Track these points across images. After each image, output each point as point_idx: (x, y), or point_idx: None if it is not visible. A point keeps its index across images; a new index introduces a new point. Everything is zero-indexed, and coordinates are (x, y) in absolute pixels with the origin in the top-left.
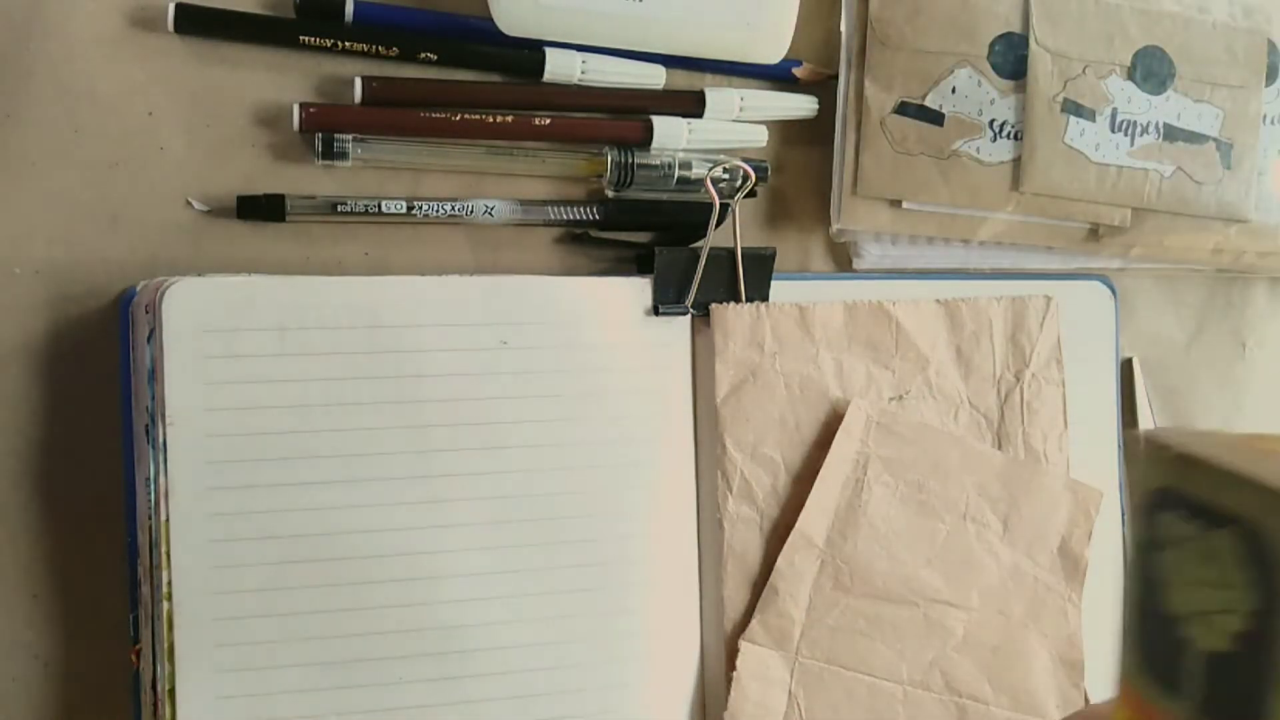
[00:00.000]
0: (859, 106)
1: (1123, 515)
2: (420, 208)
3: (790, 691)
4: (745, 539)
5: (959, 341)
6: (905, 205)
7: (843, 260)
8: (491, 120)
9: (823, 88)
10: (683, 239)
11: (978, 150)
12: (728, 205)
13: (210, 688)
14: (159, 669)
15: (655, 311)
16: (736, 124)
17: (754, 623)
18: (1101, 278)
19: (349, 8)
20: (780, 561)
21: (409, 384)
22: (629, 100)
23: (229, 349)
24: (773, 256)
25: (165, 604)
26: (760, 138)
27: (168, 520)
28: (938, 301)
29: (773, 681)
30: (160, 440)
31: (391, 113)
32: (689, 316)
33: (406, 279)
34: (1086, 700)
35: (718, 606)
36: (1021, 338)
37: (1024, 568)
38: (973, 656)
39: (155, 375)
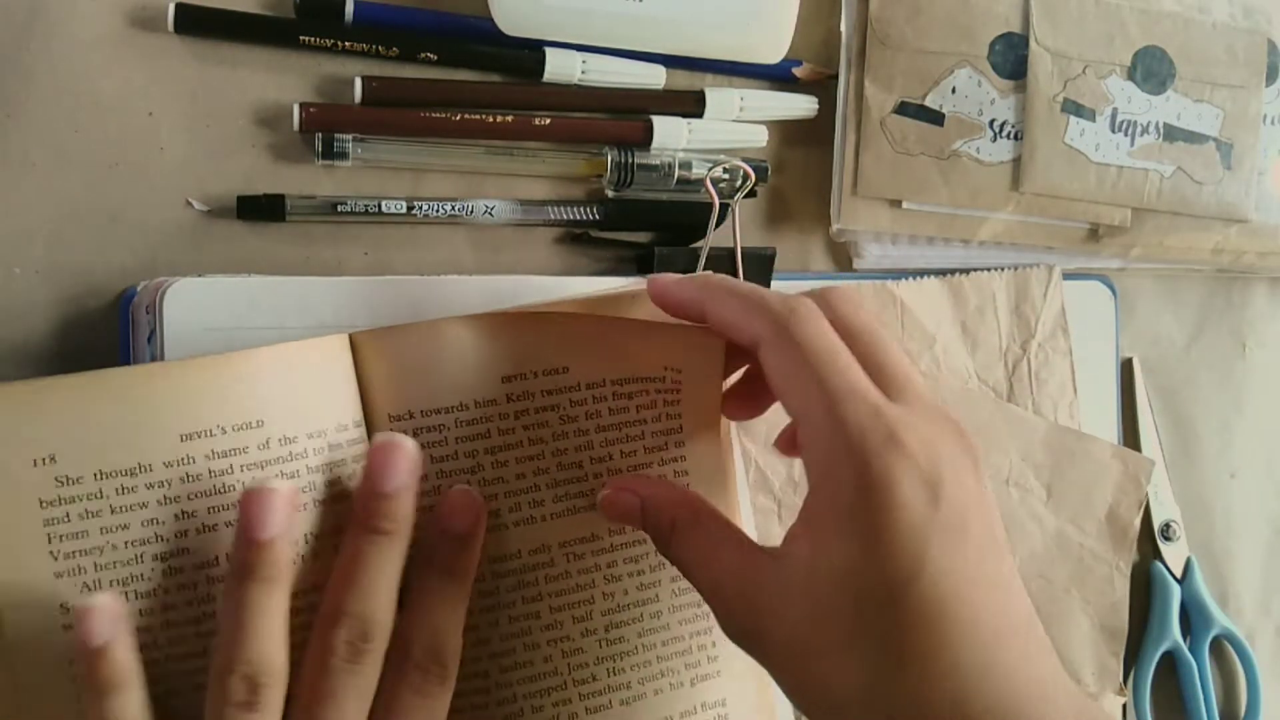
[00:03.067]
0: (859, 106)
1: None
2: (420, 208)
3: None
4: (764, 529)
5: (963, 317)
6: (905, 205)
7: (843, 260)
8: (491, 120)
9: (823, 88)
10: (683, 239)
11: (978, 150)
12: (728, 205)
13: None
14: None
15: None
16: (736, 124)
17: None
18: (1101, 278)
19: (349, 8)
20: None
21: None
22: (629, 100)
23: (229, 349)
24: (773, 256)
25: None
26: (760, 138)
27: None
28: (940, 279)
29: None
30: None
31: (391, 113)
32: None
33: (406, 279)
34: (1124, 673)
35: None
36: (1026, 309)
37: (1069, 534)
38: None
39: None
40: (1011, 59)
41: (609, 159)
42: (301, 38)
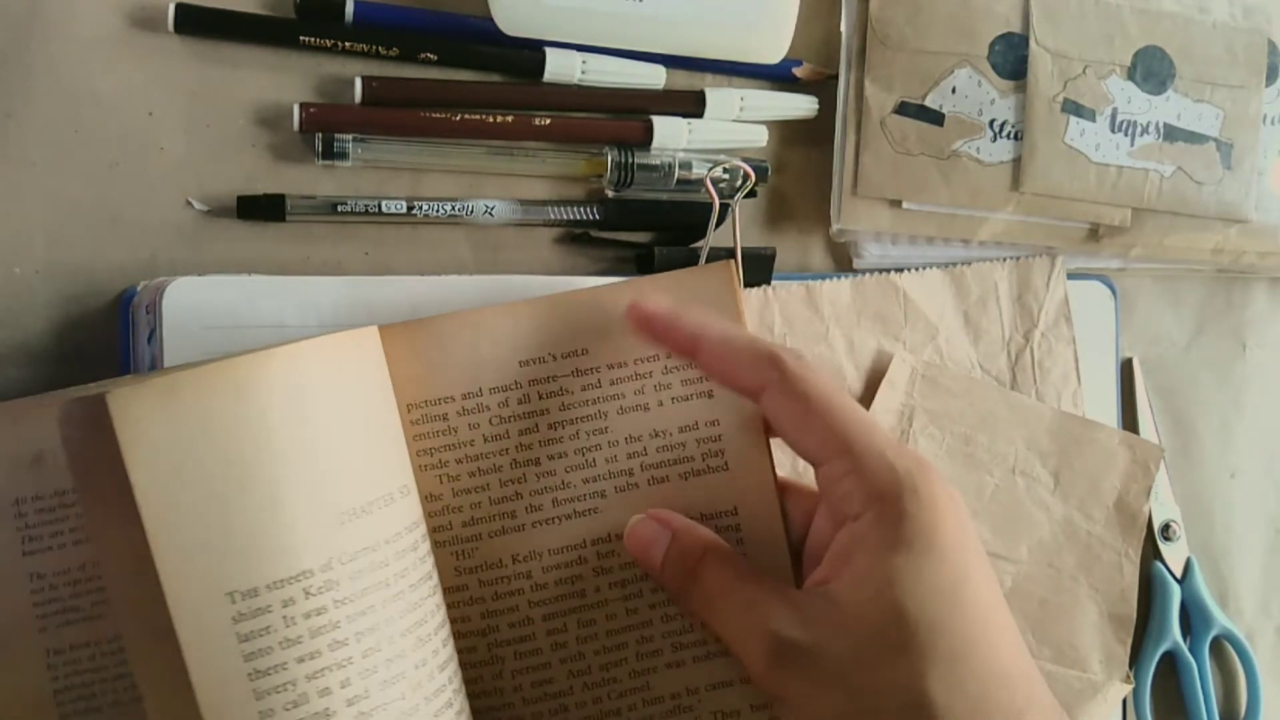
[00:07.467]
0: (859, 106)
1: None
2: (420, 208)
3: None
4: None
5: (966, 307)
6: (905, 205)
7: (843, 260)
8: (491, 120)
9: (823, 88)
10: (683, 239)
11: (978, 150)
12: (728, 205)
13: None
14: None
15: None
16: (736, 124)
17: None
18: (1101, 278)
19: (349, 8)
20: None
21: None
22: (629, 100)
23: (229, 349)
24: (773, 256)
25: None
26: (760, 138)
27: None
28: (943, 269)
29: None
30: None
31: (391, 113)
32: None
33: (406, 279)
34: (1130, 660)
35: None
36: (1029, 298)
37: (1076, 522)
38: (1019, 608)
39: None
40: (1011, 59)
41: (609, 159)
42: (301, 38)
